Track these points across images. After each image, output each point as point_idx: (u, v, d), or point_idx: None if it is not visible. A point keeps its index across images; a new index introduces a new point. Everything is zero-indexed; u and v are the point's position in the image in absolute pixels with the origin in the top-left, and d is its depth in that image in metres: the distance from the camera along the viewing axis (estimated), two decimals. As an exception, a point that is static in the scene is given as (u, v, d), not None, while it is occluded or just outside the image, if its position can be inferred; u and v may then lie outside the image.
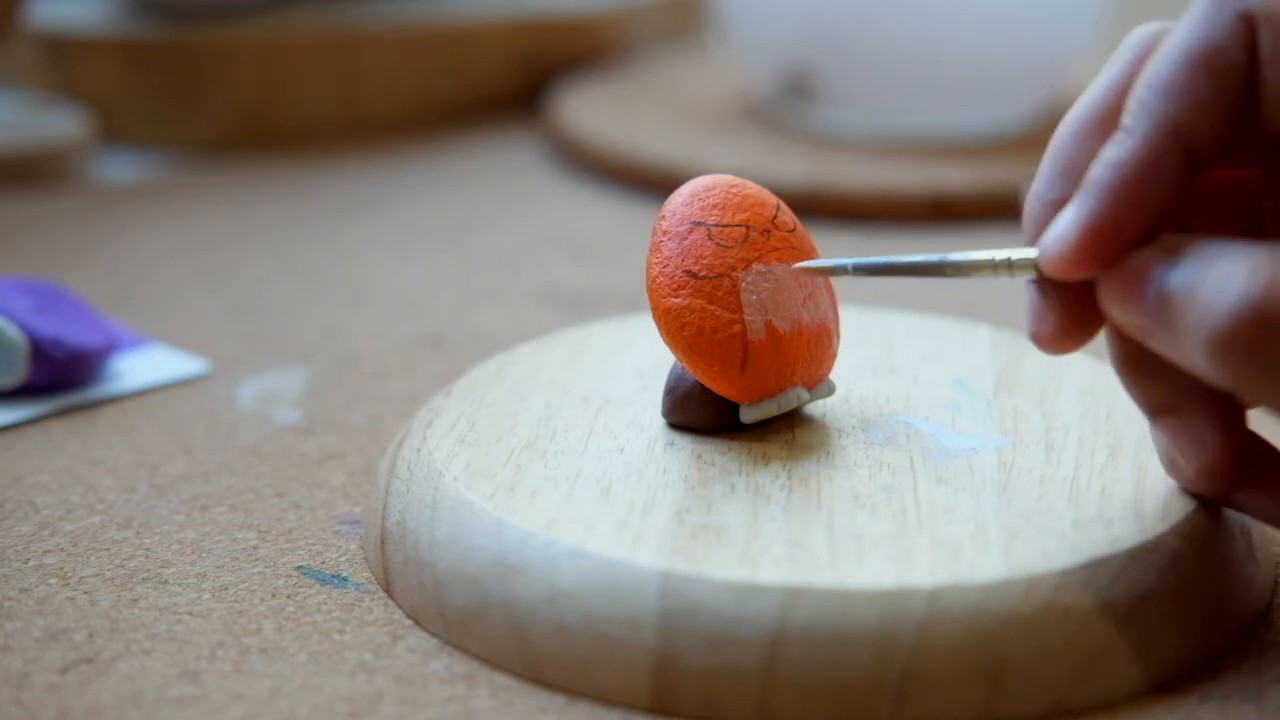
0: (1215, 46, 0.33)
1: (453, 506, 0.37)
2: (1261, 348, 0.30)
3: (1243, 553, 0.38)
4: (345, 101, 0.80)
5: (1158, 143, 0.33)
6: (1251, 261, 0.31)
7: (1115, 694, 0.35)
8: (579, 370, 0.43)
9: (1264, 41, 0.32)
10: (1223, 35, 0.33)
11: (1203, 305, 0.31)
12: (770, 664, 0.33)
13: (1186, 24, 0.33)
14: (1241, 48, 0.33)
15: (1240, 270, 0.31)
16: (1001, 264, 0.35)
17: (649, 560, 0.34)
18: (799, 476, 0.38)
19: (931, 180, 0.68)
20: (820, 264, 0.39)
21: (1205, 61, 0.33)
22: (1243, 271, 0.31)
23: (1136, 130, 0.33)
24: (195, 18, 0.77)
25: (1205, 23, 0.33)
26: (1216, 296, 0.31)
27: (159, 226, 0.67)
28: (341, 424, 0.48)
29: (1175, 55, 0.33)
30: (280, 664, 0.36)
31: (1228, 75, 0.33)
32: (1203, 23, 0.33)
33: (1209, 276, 0.31)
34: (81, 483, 0.44)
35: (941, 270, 0.37)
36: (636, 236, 0.62)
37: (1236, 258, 0.31)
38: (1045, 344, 0.35)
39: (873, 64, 0.73)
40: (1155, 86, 0.33)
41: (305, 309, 0.58)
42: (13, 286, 0.50)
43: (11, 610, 0.38)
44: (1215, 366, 0.31)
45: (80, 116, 0.73)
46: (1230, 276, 0.31)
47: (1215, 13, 0.33)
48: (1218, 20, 0.33)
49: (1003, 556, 0.35)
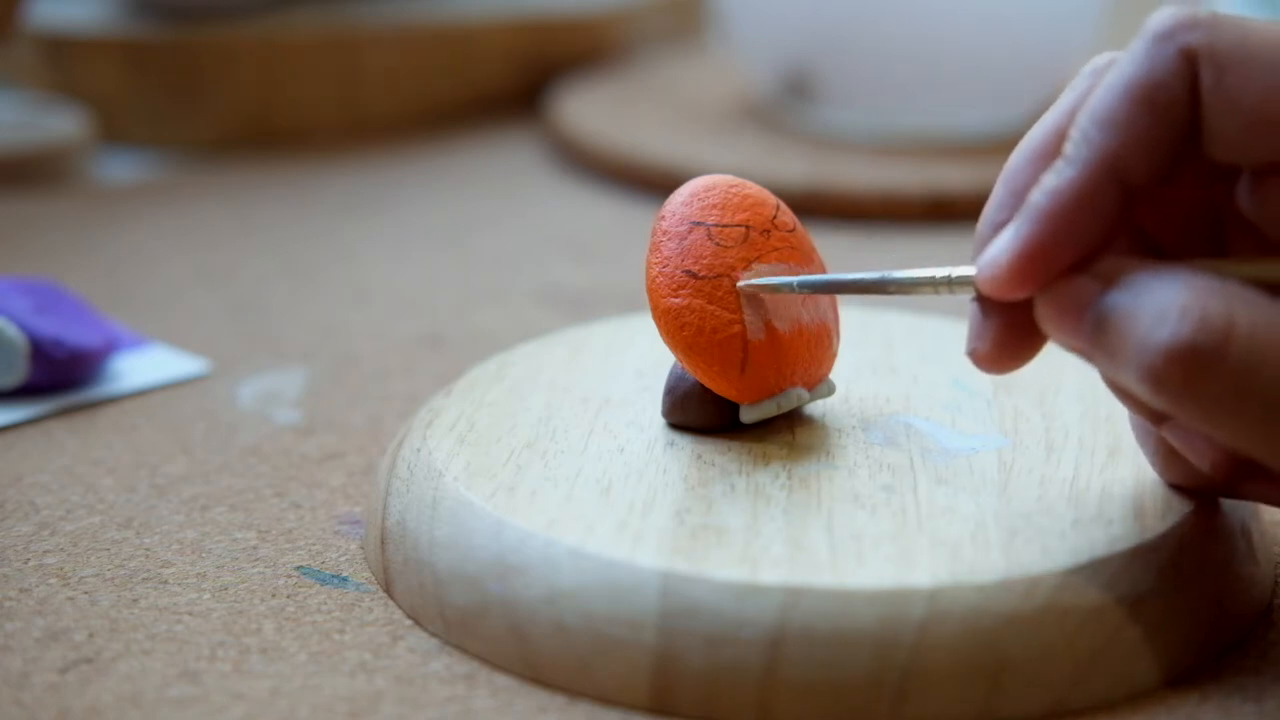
0: (1157, 81, 0.33)
1: (453, 506, 0.37)
2: (1193, 381, 0.31)
3: (1243, 553, 0.38)
4: (345, 101, 0.80)
5: (1095, 173, 0.33)
6: (1185, 295, 0.31)
7: (1115, 694, 0.35)
8: (579, 370, 0.43)
9: (1205, 77, 0.33)
10: (1164, 71, 0.33)
11: (1138, 339, 0.32)
12: (770, 664, 0.33)
13: (1129, 58, 0.34)
14: (1182, 82, 0.33)
15: (1175, 304, 0.31)
16: (942, 281, 0.36)
17: (649, 560, 0.34)
18: (799, 476, 0.38)
19: (931, 180, 0.68)
20: (764, 282, 0.39)
21: (1146, 96, 0.33)
22: (1177, 306, 0.31)
23: (1076, 160, 0.33)
24: (195, 18, 0.77)
25: (1147, 57, 0.33)
26: (1151, 331, 0.31)
27: (159, 226, 0.67)
28: (341, 424, 0.48)
29: (1118, 88, 0.33)
30: (280, 664, 0.36)
31: (1168, 110, 0.33)
32: (1145, 57, 0.33)
33: (1144, 309, 0.32)
34: (81, 483, 0.44)
35: (884, 288, 0.37)
36: (636, 236, 0.62)
37: (1171, 290, 0.32)
38: (983, 362, 0.36)
39: (873, 64, 0.73)
40: (1096, 118, 0.34)
41: (305, 309, 0.58)
42: (13, 286, 0.50)
43: (11, 610, 0.38)
44: (1151, 395, 0.32)
45: (80, 116, 0.73)
46: (1165, 310, 0.31)
47: (1158, 48, 0.33)
48: (1159, 55, 0.33)
49: (1003, 556, 0.35)
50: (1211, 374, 0.31)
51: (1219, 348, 0.31)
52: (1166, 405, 0.32)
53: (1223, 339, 0.31)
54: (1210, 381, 0.31)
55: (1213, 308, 0.31)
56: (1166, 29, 0.33)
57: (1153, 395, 0.32)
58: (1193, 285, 0.32)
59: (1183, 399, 0.31)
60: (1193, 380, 0.31)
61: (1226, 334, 0.31)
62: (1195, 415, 0.32)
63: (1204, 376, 0.31)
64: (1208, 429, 0.32)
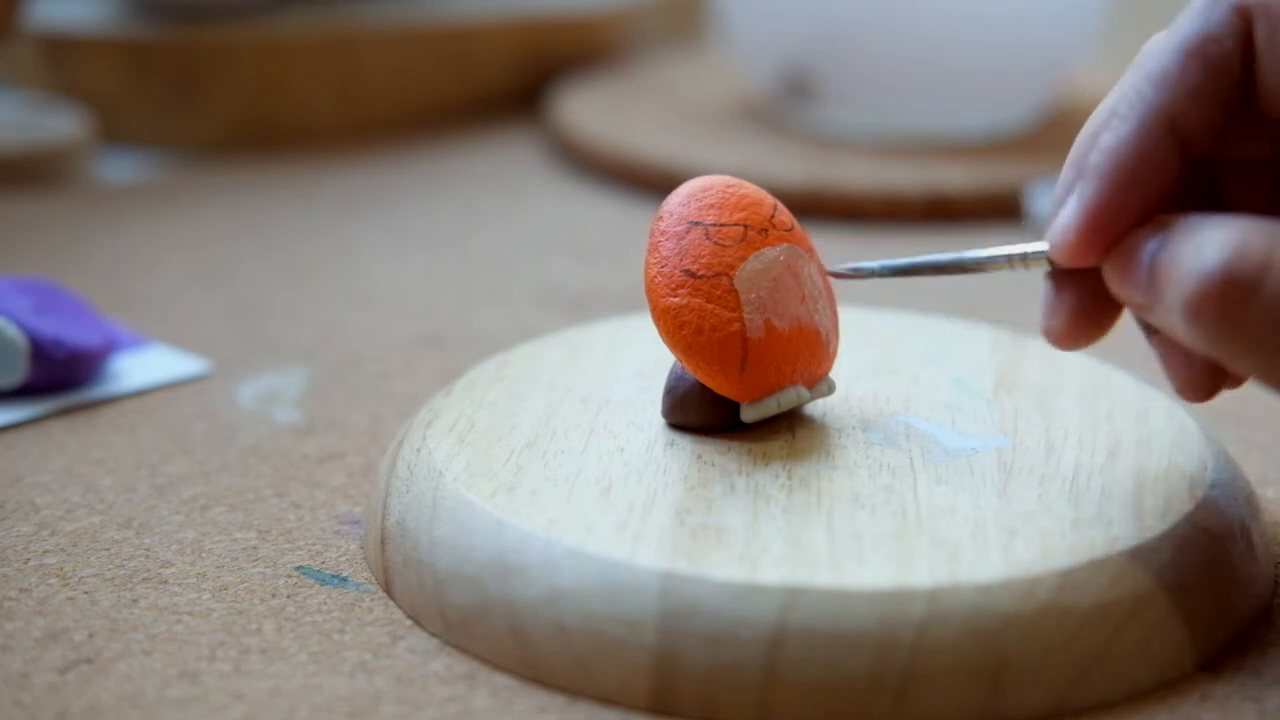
0: (1209, 37, 0.34)
1: (453, 506, 0.37)
2: (1231, 311, 0.31)
3: (1243, 553, 0.38)
4: (345, 101, 0.80)
5: (1150, 128, 0.34)
6: (1226, 231, 0.32)
7: (1115, 694, 0.35)
8: (579, 370, 0.43)
9: (1260, 33, 0.34)
10: (1217, 26, 0.34)
11: (1179, 273, 0.32)
12: (770, 664, 0.33)
13: (1184, 16, 0.34)
14: (1236, 38, 0.34)
15: (1213, 239, 0.32)
16: (1017, 258, 0.36)
17: (649, 560, 0.34)
18: (799, 476, 0.38)
19: (931, 180, 0.68)
20: (852, 266, 0.40)
21: (1199, 51, 0.34)
22: (1216, 240, 0.32)
23: (1130, 116, 0.34)
24: (195, 18, 0.77)
25: (1201, 14, 0.34)
26: (1191, 263, 0.32)
27: (159, 226, 0.67)
28: (341, 424, 0.48)
29: (1170, 45, 0.34)
30: (280, 664, 0.36)
31: (1221, 64, 0.34)
32: (1199, 15, 0.34)
33: (1188, 245, 0.32)
34: (81, 483, 0.44)
35: (962, 268, 0.38)
36: (636, 236, 0.62)
37: (1214, 228, 0.32)
38: (1057, 339, 0.36)
39: (873, 64, 0.73)
40: (1149, 74, 0.34)
41: (305, 309, 0.58)
42: (12, 286, 0.50)
43: (11, 610, 0.38)
44: (1192, 332, 0.32)
45: (80, 116, 0.73)
46: (1204, 244, 0.32)
47: (1211, 5, 0.34)
48: (1213, 12, 0.34)
49: (1003, 556, 0.35)
50: (1246, 306, 0.31)
51: (1255, 279, 0.31)
52: (1209, 343, 0.32)
53: (1260, 271, 0.31)
54: (1245, 314, 0.31)
55: (1252, 241, 0.31)
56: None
57: (1191, 329, 0.32)
58: (1236, 223, 0.32)
59: (1222, 330, 0.31)
60: (1230, 309, 0.31)
61: (1264, 266, 0.31)
62: (1230, 350, 0.32)
63: (1239, 308, 0.31)
64: (1242, 366, 0.32)
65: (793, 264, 0.40)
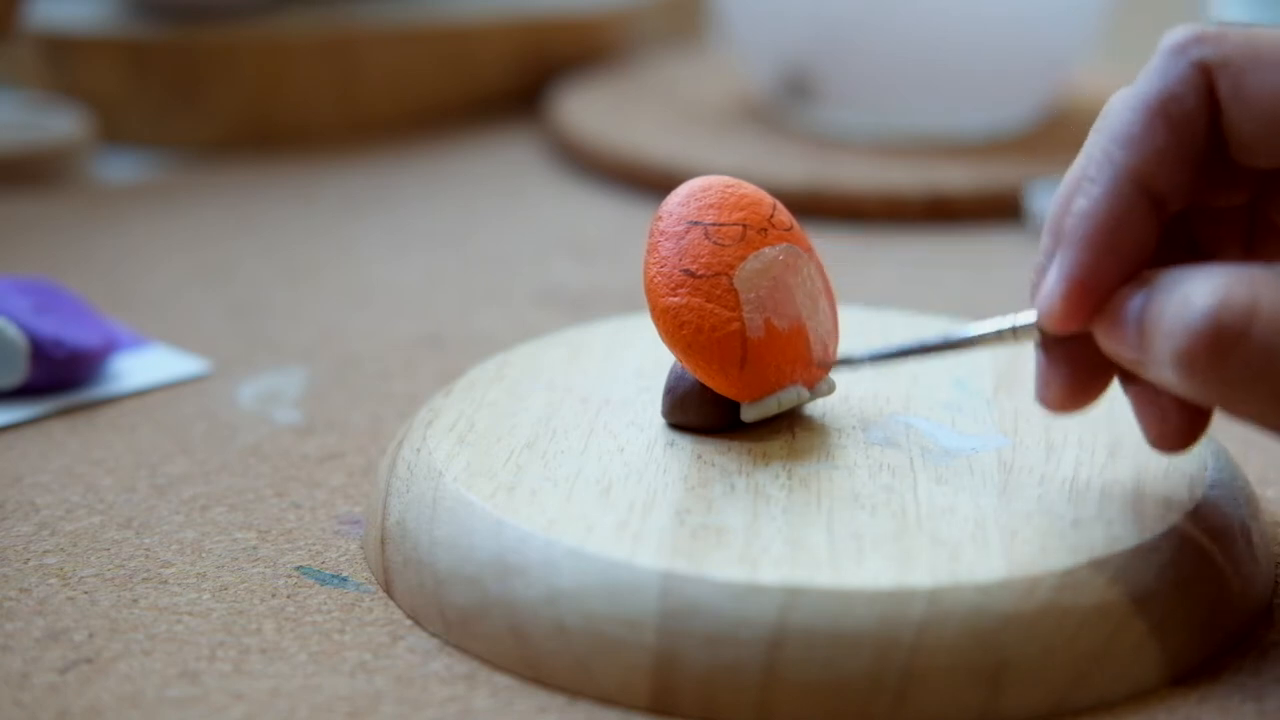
0: (1170, 96, 0.34)
1: (453, 506, 0.37)
2: (1222, 361, 0.31)
3: (1243, 553, 0.38)
4: (345, 101, 0.80)
5: (1122, 190, 0.34)
6: (1210, 281, 0.32)
7: (1115, 694, 0.35)
8: (579, 370, 0.43)
9: (1223, 87, 0.34)
10: (1178, 84, 0.34)
11: (1167, 326, 0.32)
12: (770, 664, 0.33)
13: (1144, 75, 0.34)
14: (1197, 94, 0.34)
15: (1198, 290, 0.32)
16: (1007, 332, 0.37)
17: (649, 560, 0.34)
18: (799, 476, 0.38)
19: (931, 180, 0.68)
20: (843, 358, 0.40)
21: (1161, 110, 0.34)
22: (1201, 291, 0.32)
23: (1100, 179, 0.34)
24: (195, 18, 0.77)
25: (1161, 73, 0.34)
26: (1178, 315, 0.32)
27: (159, 226, 0.67)
28: (341, 424, 0.48)
29: (1134, 104, 0.34)
30: (280, 664, 0.36)
31: (1184, 122, 0.34)
32: (1158, 73, 0.34)
33: (1173, 297, 0.32)
34: (81, 483, 0.44)
35: (953, 347, 0.38)
36: (636, 236, 0.62)
37: (1197, 279, 0.32)
38: (1054, 406, 0.36)
39: (873, 64, 0.73)
40: (1115, 136, 0.34)
41: (305, 309, 0.58)
42: (12, 286, 0.50)
43: (11, 610, 0.38)
44: (1185, 383, 0.32)
45: (80, 116, 0.73)
46: (1189, 297, 0.32)
47: (1171, 63, 0.34)
48: (1173, 69, 0.34)
49: (1003, 556, 0.35)
50: (1235, 353, 0.31)
51: (1243, 327, 0.31)
52: (1199, 391, 0.32)
53: (1246, 318, 0.31)
54: (1235, 361, 0.31)
55: (1236, 289, 0.31)
56: (1178, 44, 0.34)
57: (1184, 381, 0.32)
58: (1218, 272, 0.32)
59: (1215, 380, 0.32)
60: (1218, 359, 0.31)
61: (1250, 313, 0.31)
62: (1225, 398, 0.32)
63: (1229, 356, 0.31)
64: (1239, 412, 0.32)
65: (792, 263, 0.40)
